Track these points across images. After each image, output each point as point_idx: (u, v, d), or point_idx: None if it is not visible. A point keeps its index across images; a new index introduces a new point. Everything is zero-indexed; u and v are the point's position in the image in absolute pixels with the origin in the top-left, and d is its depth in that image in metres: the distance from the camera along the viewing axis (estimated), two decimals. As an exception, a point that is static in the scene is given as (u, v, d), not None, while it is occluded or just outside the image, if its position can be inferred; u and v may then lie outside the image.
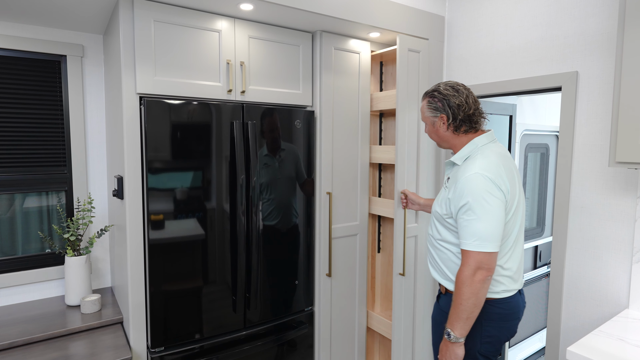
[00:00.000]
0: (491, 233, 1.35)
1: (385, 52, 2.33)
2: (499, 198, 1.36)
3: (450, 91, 1.50)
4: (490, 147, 1.48)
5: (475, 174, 1.38)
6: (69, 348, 1.63)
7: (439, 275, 1.59)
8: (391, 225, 2.47)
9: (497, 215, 1.35)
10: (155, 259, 1.70)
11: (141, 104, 1.66)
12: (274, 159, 2.00)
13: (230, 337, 1.91)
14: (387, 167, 2.55)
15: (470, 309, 1.36)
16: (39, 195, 2.03)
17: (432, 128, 1.57)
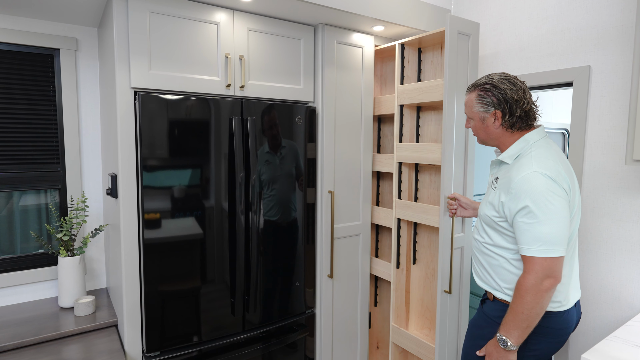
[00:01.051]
0: (557, 236, 1.22)
1: (377, 50, 2.29)
2: (562, 197, 1.23)
3: (507, 84, 1.35)
4: (543, 144, 1.34)
5: (534, 173, 1.25)
6: (61, 352, 1.57)
7: (485, 283, 1.46)
8: (428, 234, 2.20)
9: (562, 216, 1.23)
10: (150, 260, 1.64)
11: (136, 98, 1.59)
12: (275, 156, 1.93)
13: (229, 341, 1.85)
14: (385, 176, 2.46)
15: (532, 318, 1.26)
16: (32, 194, 1.97)
17: (481, 124, 1.41)
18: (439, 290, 1.88)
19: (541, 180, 1.24)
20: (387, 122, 2.43)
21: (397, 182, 2.17)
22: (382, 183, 2.47)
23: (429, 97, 1.98)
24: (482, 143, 1.48)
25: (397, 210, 2.17)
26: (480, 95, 1.39)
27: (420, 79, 2.22)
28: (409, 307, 2.30)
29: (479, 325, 1.48)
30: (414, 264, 2.26)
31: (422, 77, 2.22)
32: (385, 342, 2.52)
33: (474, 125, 1.45)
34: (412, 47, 2.18)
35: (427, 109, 2.19)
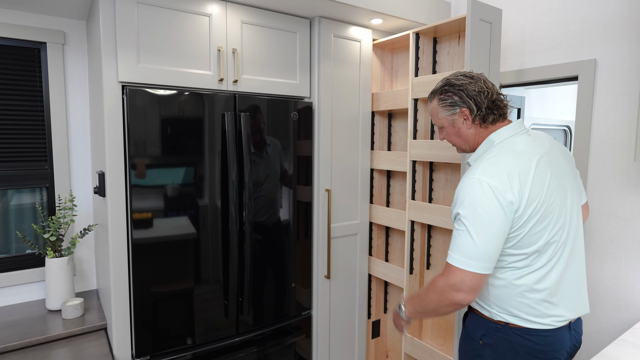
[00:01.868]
0: (480, 252, 1.11)
1: (388, 41, 2.19)
2: (498, 210, 1.11)
3: (464, 79, 1.27)
4: (508, 144, 1.21)
5: (472, 180, 1.14)
6: (47, 357, 1.51)
7: None
8: (444, 237, 2.08)
9: (491, 232, 1.11)
10: (139, 260, 1.57)
11: (123, 93, 1.53)
12: (268, 154, 1.87)
13: (222, 344, 1.79)
14: (396, 175, 2.35)
15: (427, 312, 1.24)
16: (19, 193, 1.90)
17: (452, 129, 1.31)
18: None
19: (476, 190, 1.12)
20: (399, 117, 2.32)
21: (411, 182, 2.05)
22: (393, 183, 2.37)
23: (397, 104, 1.88)
24: (462, 151, 1.36)
25: (410, 212, 2.04)
26: (441, 99, 1.30)
27: (436, 71, 2.10)
28: None
29: (461, 344, 1.36)
30: (427, 269, 2.16)
31: (437, 70, 2.09)
32: (395, 350, 2.44)
33: (446, 133, 1.34)
34: (427, 37, 2.04)
35: (399, 116, 2.11)
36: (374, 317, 2.42)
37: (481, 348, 1.25)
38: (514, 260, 1.18)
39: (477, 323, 1.28)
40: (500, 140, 1.24)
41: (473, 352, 1.27)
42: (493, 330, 1.23)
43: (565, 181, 1.23)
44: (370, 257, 2.35)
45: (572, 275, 1.22)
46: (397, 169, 2.14)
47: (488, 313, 1.24)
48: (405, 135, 2.28)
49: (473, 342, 1.27)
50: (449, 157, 1.83)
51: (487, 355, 1.23)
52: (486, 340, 1.24)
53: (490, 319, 1.23)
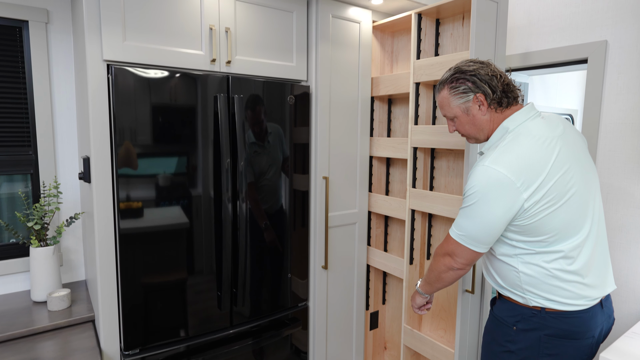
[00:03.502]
0: (474, 234, 1.19)
1: (389, 23, 2.10)
2: (502, 199, 1.13)
3: (474, 65, 1.24)
4: (527, 127, 1.19)
5: (482, 167, 1.16)
6: (31, 351, 1.44)
7: (489, 277, 1.36)
8: (445, 226, 2.02)
9: (488, 220, 1.16)
10: (127, 251, 1.50)
11: (109, 72, 1.43)
12: (264, 141, 1.79)
13: (216, 337, 1.73)
14: (396, 162, 2.27)
15: (433, 280, 1.36)
16: (3, 180, 1.81)
17: (466, 118, 1.27)
18: (460, 289, 1.72)
19: (483, 177, 1.15)
20: (399, 103, 2.23)
21: (412, 170, 1.98)
22: (392, 171, 2.30)
23: (397, 88, 1.81)
24: (475, 141, 1.33)
25: (411, 201, 1.97)
26: (452, 87, 1.26)
27: (438, 53, 2.00)
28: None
29: (489, 330, 1.35)
30: (427, 259, 2.09)
31: (440, 52, 2.00)
32: (394, 342, 2.39)
33: (459, 123, 1.31)
34: (429, 18, 1.95)
35: (400, 101, 2.02)
36: (372, 308, 2.37)
37: (515, 334, 1.23)
38: (539, 246, 1.17)
39: (509, 309, 1.26)
40: (515, 126, 1.20)
41: (505, 338, 1.25)
42: (528, 316, 1.21)
43: (584, 162, 1.20)
44: (368, 247, 2.28)
45: (600, 254, 1.22)
46: (397, 156, 2.07)
47: (522, 299, 1.22)
48: (406, 121, 2.20)
49: (505, 328, 1.26)
50: (453, 143, 1.76)
51: (521, 340, 1.22)
52: (521, 326, 1.22)
53: (525, 305, 1.22)
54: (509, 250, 1.21)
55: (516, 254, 1.20)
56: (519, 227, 1.16)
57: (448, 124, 1.35)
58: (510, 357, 1.24)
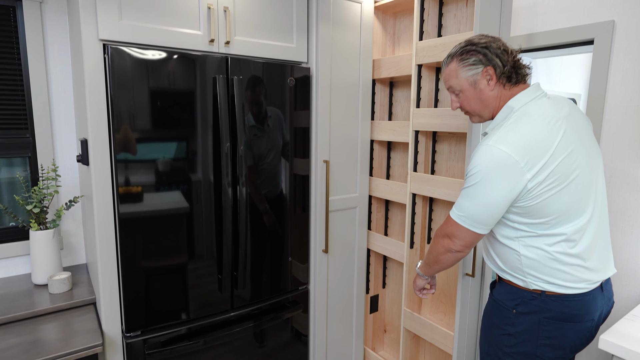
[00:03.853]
0: (475, 215, 1.17)
1: (391, 3, 2.05)
2: (505, 179, 1.10)
3: (485, 38, 1.21)
4: (532, 107, 1.16)
5: (486, 147, 1.13)
6: (32, 332, 1.44)
7: (492, 264, 1.35)
8: (446, 210, 2.01)
9: (490, 200, 1.13)
10: (127, 235, 1.49)
11: (105, 52, 1.40)
12: (263, 124, 1.76)
13: (217, 319, 1.73)
14: (398, 146, 2.24)
15: (432, 262, 1.35)
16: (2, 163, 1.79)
17: (473, 92, 1.24)
18: (460, 273, 1.72)
19: (487, 157, 1.12)
20: (401, 86, 2.20)
21: (413, 153, 1.95)
22: (393, 155, 2.28)
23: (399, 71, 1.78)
24: (479, 119, 1.30)
25: (412, 185, 1.96)
26: (462, 59, 1.23)
27: (441, 35, 1.96)
28: None
29: (488, 313, 1.34)
30: (428, 243, 2.08)
31: (443, 33, 1.95)
32: (393, 325, 2.41)
33: (464, 98, 1.27)
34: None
35: (401, 84, 1.98)
36: (372, 292, 2.38)
37: (514, 317, 1.23)
38: (542, 228, 1.16)
39: (509, 293, 1.25)
40: (520, 106, 1.18)
41: (504, 321, 1.25)
42: (528, 300, 1.21)
43: (589, 145, 1.18)
44: (369, 232, 2.28)
45: (602, 238, 1.22)
46: (398, 139, 2.04)
47: (523, 283, 1.22)
48: (408, 105, 2.17)
49: (505, 311, 1.25)
50: (455, 126, 1.73)
51: (521, 323, 1.22)
52: (521, 309, 1.22)
53: (525, 288, 1.22)
54: (510, 233, 1.21)
55: (518, 237, 1.19)
56: (522, 208, 1.14)
57: (452, 101, 1.32)
58: (510, 340, 1.24)
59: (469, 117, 1.33)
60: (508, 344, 1.25)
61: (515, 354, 1.23)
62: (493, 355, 1.30)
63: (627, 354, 1.10)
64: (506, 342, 1.25)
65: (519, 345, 1.22)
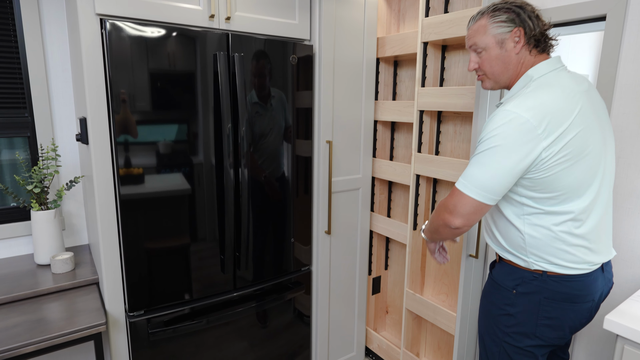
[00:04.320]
0: (485, 182, 1.10)
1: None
2: (520, 145, 1.05)
3: (519, 1, 1.17)
4: (553, 77, 1.12)
5: (505, 111, 1.07)
6: (36, 311, 1.45)
7: (493, 242, 1.32)
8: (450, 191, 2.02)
9: (503, 165, 1.07)
10: (128, 216, 1.48)
11: (102, 27, 1.36)
12: (266, 102, 1.73)
13: (220, 299, 1.74)
14: (401, 127, 2.21)
15: (432, 230, 1.29)
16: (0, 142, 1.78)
17: (498, 51, 1.17)
18: (464, 254, 1.71)
19: (503, 120, 1.06)
20: (405, 65, 2.15)
21: (418, 134, 1.92)
22: (397, 136, 2.24)
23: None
24: (493, 84, 1.24)
25: (416, 166, 1.94)
26: (494, 15, 1.16)
27: (447, 11, 1.90)
28: (425, 271, 2.14)
29: (487, 293, 1.33)
30: None
31: (449, 9, 1.90)
32: (395, 306, 2.42)
33: (486, 57, 1.20)
34: None
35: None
36: (374, 273, 2.38)
37: (514, 297, 1.22)
38: (549, 204, 1.13)
39: (509, 273, 1.24)
40: (539, 76, 1.14)
41: (504, 301, 1.24)
42: (529, 280, 1.19)
43: (605, 123, 1.16)
44: (372, 213, 2.27)
45: (606, 220, 1.20)
46: (403, 119, 2.01)
47: (524, 263, 1.20)
48: (412, 84, 2.13)
49: (504, 292, 1.24)
50: (461, 105, 1.70)
51: (521, 303, 1.21)
52: (521, 289, 1.20)
53: (526, 268, 1.20)
54: (517, 210, 1.18)
55: (524, 214, 1.17)
56: (532, 180, 1.11)
57: (470, 61, 1.25)
58: (509, 320, 1.24)
59: (482, 81, 1.26)
60: (507, 324, 1.24)
61: (514, 334, 1.23)
62: (492, 335, 1.30)
63: (632, 334, 1.10)
64: (505, 322, 1.25)
65: (519, 326, 1.22)
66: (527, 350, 1.23)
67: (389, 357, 2.26)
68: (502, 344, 1.26)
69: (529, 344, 1.22)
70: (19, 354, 1.25)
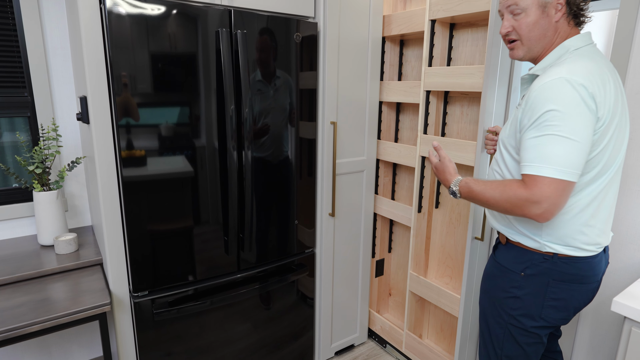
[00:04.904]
0: (573, 158, 1.00)
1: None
2: (588, 113, 1.00)
3: None
4: (584, 52, 1.09)
5: (560, 79, 1.01)
6: (40, 291, 1.45)
7: (499, 223, 1.28)
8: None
9: (583, 135, 0.99)
10: (131, 198, 1.46)
11: (102, 3, 1.32)
12: (268, 87, 1.69)
13: (224, 280, 1.74)
14: (407, 108, 2.17)
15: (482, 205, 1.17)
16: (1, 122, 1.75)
17: (539, 16, 1.10)
18: (469, 236, 1.70)
19: (567, 89, 0.99)
20: (412, 44, 2.09)
21: (424, 115, 1.88)
22: (402, 117, 2.20)
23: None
24: (523, 53, 1.16)
25: (422, 147, 1.91)
26: None
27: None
28: (429, 254, 2.13)
29: (491, 276, 1.31)
30: (436, 207, 2.05)
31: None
32: (398, 289, 2.42)
33: (524, 20, 1.12)
34: None
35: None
36: (378, 256, 2.38)
37: (522, 280, 1.21)
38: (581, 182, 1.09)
39: (517, 256, 1.22)
40: (576, 48, 1.10)
41: (511, 284, 1.23)
42: (538, 262, 1.18)
43: (625, 103, 1.13)
44: (376, 196, 2.25)
45: (614, 202, 1.19)
46: (408, 100, 1.97)
47: (536, 245, 1.18)
48: (418, 64, 2.08)
49: (512, 274, 1.23)
50: (469, 85, 1.66)
51: (528, 285, 1.20)
52: (529, 271, 1.19)
53: (537, 250, 1.18)
54: None
55: None
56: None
57: (504, 23, 1.16)
58: (515, 302, 1.23)
59: (513, 49, 1.19)
60: (513, 307, 1.23)
61: (520, 316, 1.22)
62: (497, 318, 1.29)
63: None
64: (512, 304, 1.24)
65: (524, 308, 1.21)
66: (532, 332, 1.23)
67: (391, 339, 2.28)
68: (507, 327, 1.26)
69: (534, 325, 1.22)
70: (25, 332, 1.26)
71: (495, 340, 1.30)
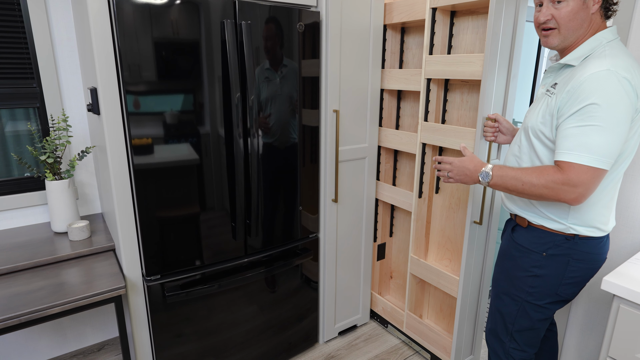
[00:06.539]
0: (611, 149, 1.07)
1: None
2: (630, 105, 1.06)
3: None
4: (616, 45, 1.15)
5: (606, 71, 1.06)
6: (57, 276, 1.52)
7: (519, 207, 1.33)
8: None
9: (623, 127, 1.07)
10: (143, 185, 1.51)
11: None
12: (275, 74, 1.73)
13: (231, 265, 1.81)
14: (408, 95, 2.20)
15: (518, 193, 1.21)
16: (12, 115, 1.79)
17: (580, 6, 1.13)
18: (468, 221, 1.76)
19: (612, 82, 1.05)
20: (413, 32, 2.11)
21: (425, 102, 1.92)
22: (403, 104, 2.24)
23: (411, 15, 1.69)
24: (559, 41, 1.18)
25: (422, 134, 1.95)
26: None
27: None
28: (429, 237, 2.19)
29: (510, 257, 1.37)
30: (436, 193, 2.10)
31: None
32: (399, 272, 2.49)
33: (565, 8, 1.13)
34: None
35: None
36: (379, 240, 2.45)
37: (543, 259, 1.29)
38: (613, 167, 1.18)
39: (539, 237, 1.29)
40: (608, 41, 1.16)
41: (532, 264, 1.31)
42: (560, 242, 1.26)
43: None
44: (377, 182, 2.30)
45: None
46: (409, 88, 2.01)
47: (562, 227, 1.25)
48: (419, 52, 2.10)
49: (534, 255, 1.30)
50: (469, 73, 1.69)
51: (549, 265, 1.28)
52: (551, 252, 1.27)
53: (560, 232, 1.25)
54: None
55: None
56: None
57: (543, 11, 1.17)
58: (535, 281, 1.30)
59: (548, 36, 1.20)
60: (533, 285, 1.31)
61: (536, 293, 1.31)
62: (513, 295, 1.37)
63: (627, 293, 1.15)
64: (531, 282, 1.32)
65: (543, 286, 1.30)
66: (545, 307, 1.32)
67: (393, 319, 2.36)
68: (523, 303, 1.34)
69: (549, 301, 1.31)
70: (46, 314, 1.33)
71: (507, 316, 1.39)
